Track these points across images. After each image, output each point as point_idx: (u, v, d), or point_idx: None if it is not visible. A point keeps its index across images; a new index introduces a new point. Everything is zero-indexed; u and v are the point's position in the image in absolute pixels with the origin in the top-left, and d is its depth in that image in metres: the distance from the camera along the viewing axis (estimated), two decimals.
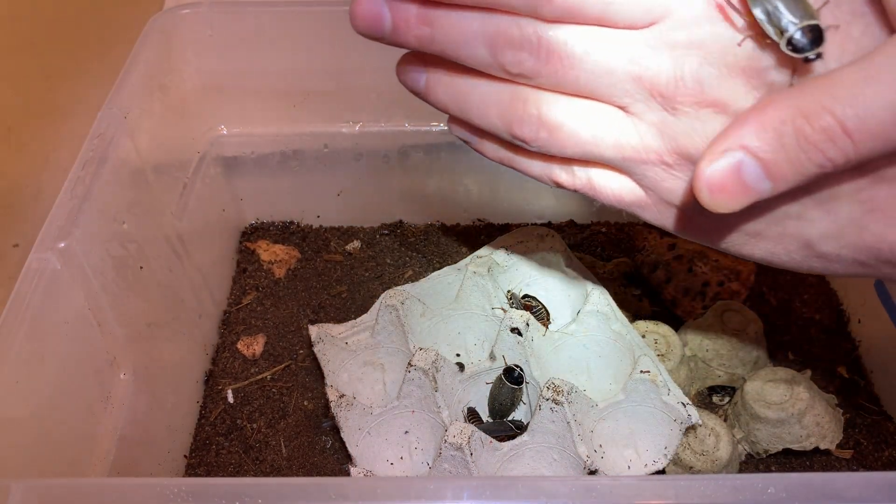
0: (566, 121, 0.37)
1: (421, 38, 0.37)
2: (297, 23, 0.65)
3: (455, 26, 0.36)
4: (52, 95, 0.57)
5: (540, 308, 0.63)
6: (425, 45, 0.37)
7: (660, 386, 0.54)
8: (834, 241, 0.34)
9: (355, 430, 0.57)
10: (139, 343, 0.54)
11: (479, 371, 0.59)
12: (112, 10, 0.66)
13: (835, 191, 0.33)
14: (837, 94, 0.29)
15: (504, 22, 0.35)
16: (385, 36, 0.37)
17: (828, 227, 0.34)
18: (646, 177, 0.37)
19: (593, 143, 0.37)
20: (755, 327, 0.61)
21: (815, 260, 0.36)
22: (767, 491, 0.34)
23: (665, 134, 0.35)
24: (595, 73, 0.35)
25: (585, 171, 0.39)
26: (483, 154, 0.43)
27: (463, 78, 0.39)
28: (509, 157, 0.41)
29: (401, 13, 0.37)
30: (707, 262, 0.67)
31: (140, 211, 0.56)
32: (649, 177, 0.37)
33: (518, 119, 0.37)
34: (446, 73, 0.39)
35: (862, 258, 0.34)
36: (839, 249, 0.34)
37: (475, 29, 0.36)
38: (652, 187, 0.37)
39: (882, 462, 0.58)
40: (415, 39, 0.37)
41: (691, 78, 0.33)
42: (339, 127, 0.70)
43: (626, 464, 0.55)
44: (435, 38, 0.37)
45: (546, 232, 0.66)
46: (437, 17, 0.36)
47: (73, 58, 0.60)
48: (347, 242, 0.76)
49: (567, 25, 0.35)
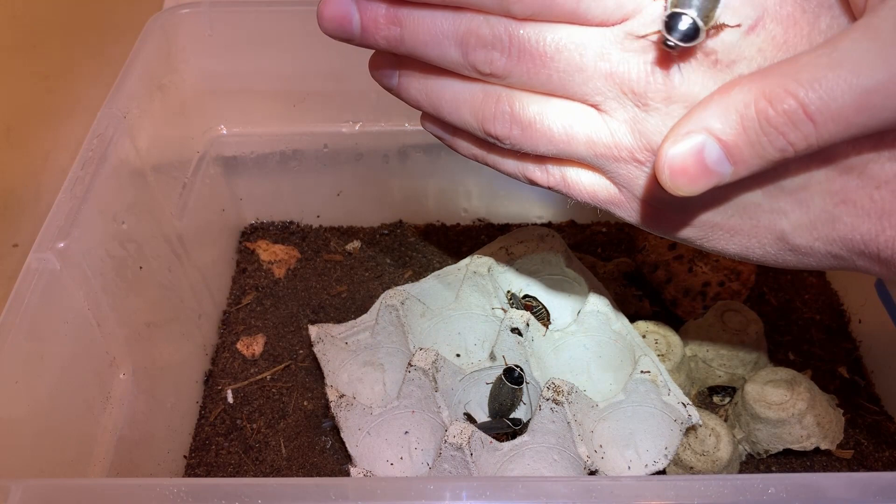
0: (538, 118, 0.37)
1: (390, 38, 0.37)
2: (297, 23, 0.65)
3: (424, 26, 0.36)
4: (51, 95, 0.57)
5: (540, 308, 0.62)
6: (395, 45, 0.37)
7: (660, 386, 0.54)
8: (807, 233, 0.34)
9: (355, 431, 0.57)
10: (139, 343, 0.54)
11: (479, 371, 0.59)
12: (112, 10, 0.66)
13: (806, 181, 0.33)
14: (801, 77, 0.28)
15: (475, 21, 0.35)
16: (354, 37, 0.37)
17: (800, 219, 0.34)
18: (619, 174, 0.37)
19: (566, 141, 0.37)
20: (756, 327, 0.61)
21: (789, 254, 0.36)
22: (768, 491, 0.34)
23: (636, 130, 0.35)
24: (566, 71, 0.35)
25: (559, 169, 0.39)
26: (457, 151, 0.43)
27: (435, 77, 0.39)
28: (483, 154, 0.41)
29: (369, 13, 0.37)
30: (707, 262, 0.67)
31: (139, 211, 0.56)
32: (622, 174, 0.37)
33: (490, 116, 0.37)
34: (418, 71, 0.39)
35: (835, 250, 0.34)
36: (812, 242, 0.34)
37: (445, 29, 0.36)
38: (625, 184, 0.37)
39: (882, 462, 0.58)
40: (384, 40, 0.37)
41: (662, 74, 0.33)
42: (339, 127, 0.70)
43: (626, 464, 0.55)
44: (405, 38, 0.37)
45: (546, 232, 0.66)
46: (405, 17, 0.36)
47: (72, 58, 0.60)
48: (347, 242, 0.76)
49: (538, 23, 0.35)
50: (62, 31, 0.59)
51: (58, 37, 0.58)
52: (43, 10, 0.57)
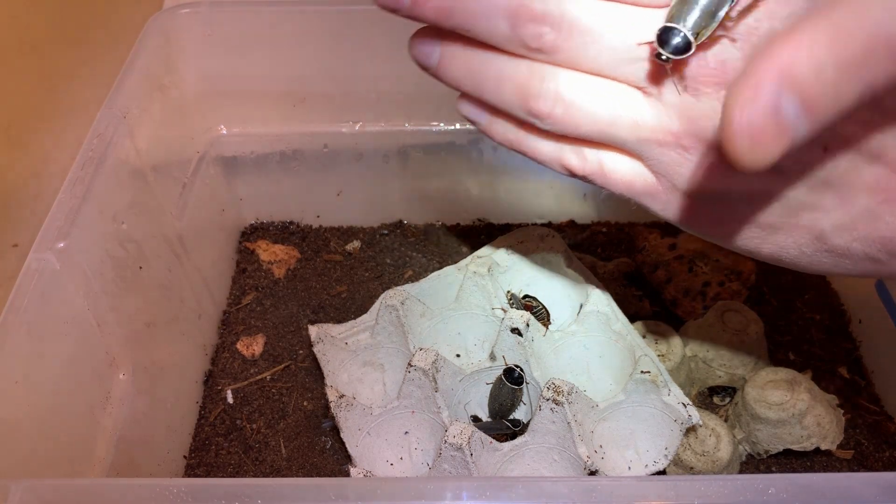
0: (584, 97, 0.36)
1: (440, 9, 0.36)
2: (297, 23, 0.65)
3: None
4: (51, 95, 0.57)
5: (540, 308, 0.62)
6: (443, 17, 0.37)
7: (660, 386, 0.54)
8: (847, 232, 0.34)
9: (355, 431, 0.57)
10: (139, 343, 0.54)
11: (479, 371, 0.59)
12: (112, 10, 0.66)
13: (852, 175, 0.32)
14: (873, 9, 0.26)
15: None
16: (403, 7, 0.37)
17: (842, 218, 0.33)
18: (661, 161, 0.36)
19: (609, 122, 0.36)
20: (756, 327, 0.61)
21: (825, 255, 0.35)
22: (768, 491, 0.34)
23: (684, 116, 0.34)
24: (617, 49, 0.34)
25: (597, 155, 0.38)
26: (491, 136, 0.42)
27: (479, 52, 0.38)
28: (519, 138, 0.40)
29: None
30: (708, 262, 0.67)
31: (139, 211, 0.56)
32: (664, 161, 0.36)
33: (535, 93, 0.37)
34: (461, 46, 0.38)
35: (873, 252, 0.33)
36: (851, 242, 0.34)
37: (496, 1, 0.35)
38: (665, 173, 0.37)
39: (883, 462, 0.58)
40: (433, 11, 0.36)
41: (714, 58, 0.33)
42: (339, 127, 0.70)
43: (626, 464, 0.55)
44: (454, 10, 0.36)
45: (546, 232, 0.66)
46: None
47: (72, 58, 0.60)
48: (347, 242, 0.76)
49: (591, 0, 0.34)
50: (62, 31, 0.59)
51: (58, 37, 0.58)
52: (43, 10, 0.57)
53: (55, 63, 0.58)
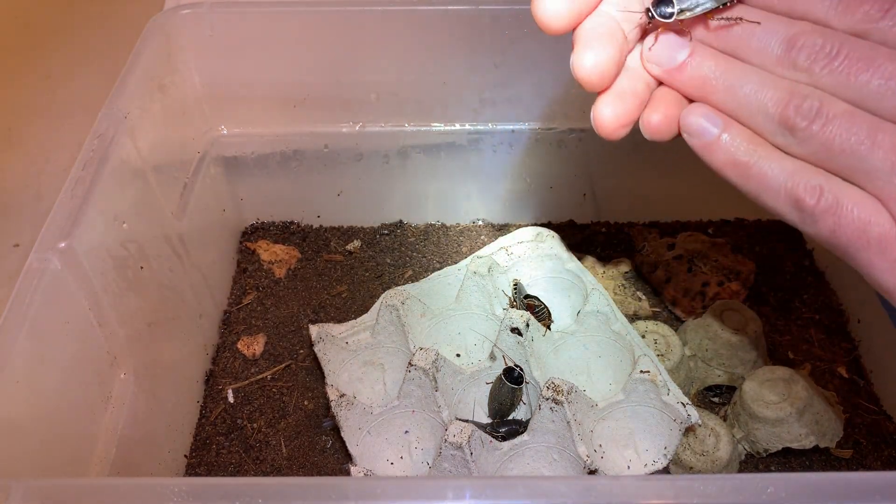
0: (843, 116, 0.34)
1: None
2: (298, 23, 0.65)
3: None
4: (52, 95, 0.57)
5: (542, 308, 0.63)
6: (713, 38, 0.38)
7: (659, 386, 0.54)
8: None
9: (355, 430, 0.57)
10: (140, 343, 0.54)
11: (479, 371, 0.59)
12: (112, 11, 0.66)
13: None
14: None
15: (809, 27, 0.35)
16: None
17: None
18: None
19: (868, 147, 0.33)
20: (754, 327, 0.61)
21: None
22: (767, 491, 0.34)
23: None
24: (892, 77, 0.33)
25: (835, 190, 0.35)
26: (712, 155, 0.38)
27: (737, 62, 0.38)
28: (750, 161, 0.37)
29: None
30: (707, 262, 0.68)
31: (140, 211, 0.56)
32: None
33: (795, 106, 0.35)
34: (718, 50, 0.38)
35: None
36: None
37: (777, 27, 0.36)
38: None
39: (882, 462, 0.58)
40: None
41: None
42: (339, 127, 0.70)
43: (625, 464, 0.55)
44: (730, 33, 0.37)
45: (546, 232, 0.66)
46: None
47: (73, 58, 0.60)
48: (347, 242, 0.76)
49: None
50: (63, 31, 0.59)
51: (59, 37, 0.59)
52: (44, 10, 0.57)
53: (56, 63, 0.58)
